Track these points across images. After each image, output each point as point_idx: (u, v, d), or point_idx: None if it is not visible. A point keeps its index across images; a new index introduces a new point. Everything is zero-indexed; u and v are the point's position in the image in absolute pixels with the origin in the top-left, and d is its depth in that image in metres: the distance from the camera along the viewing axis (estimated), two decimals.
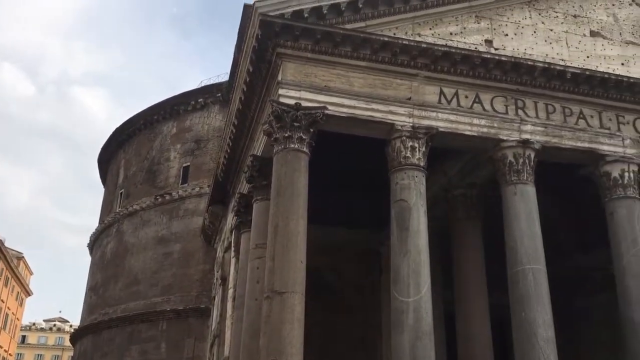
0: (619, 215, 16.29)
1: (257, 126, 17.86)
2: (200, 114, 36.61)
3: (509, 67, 16.24)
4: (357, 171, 20.89)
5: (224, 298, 23.84)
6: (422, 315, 13.64)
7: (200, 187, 33.99)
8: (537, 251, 15.18)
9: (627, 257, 15.84)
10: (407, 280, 13.99)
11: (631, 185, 16.40)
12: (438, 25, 16.72)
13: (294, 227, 13.59)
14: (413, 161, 15.17)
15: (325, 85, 15.26)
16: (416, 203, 14.79)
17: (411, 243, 14.36)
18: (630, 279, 15.61)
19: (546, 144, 16.26)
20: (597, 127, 16.86)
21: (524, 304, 14.58)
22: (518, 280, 14.92)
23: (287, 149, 14.54)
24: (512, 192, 15.83)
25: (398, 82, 15.80)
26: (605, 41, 18.05)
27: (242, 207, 19.79)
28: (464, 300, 17.71)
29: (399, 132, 15.36)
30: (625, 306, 15.57)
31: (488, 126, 16.07)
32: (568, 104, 16.81)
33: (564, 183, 20.44)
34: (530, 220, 15.48)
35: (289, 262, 13.22)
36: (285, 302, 12.78)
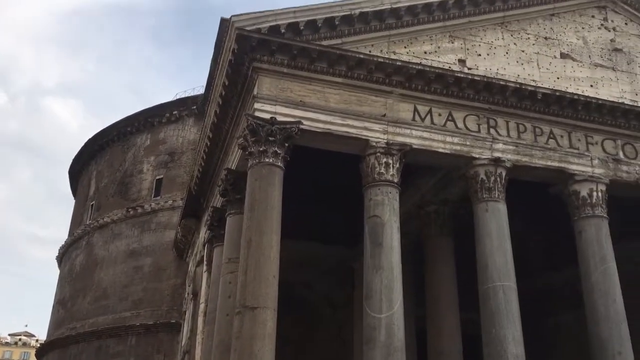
0: (587, 234, 16.59)
1: (232, 140, 17.81)
2: (174, 126, 36.37)
3: (482, 87, 16.53)
4: (331, 186, 20.98)
5: (195, 313, 23.53)
6: (394, 331, 13.65)
7: (173, 200, 33.65)
8: (508, 268, 15.36)
9: (595, 275, 16.11)
10: (380, 296, 14.01)
11: (599, 204, 16.74)
12: (413, 43, 16.96)
13: (268, 241, 13.53)
14: (387, 177, 15.28)
15: (300, 101, 15.32)
16: (390, 219, 14.87)
17: (384, 259, 14.40)
18: (598, 296, 15.87)
19: (517, 162, 16.53)
20: (567, 147, 17.21)
21: (495, 320, 14.71)
22: (489, 296, 15.06)
23: (261, 163, 14.52)
24: (484, 209, 16.02)
25: (373, 99, 15.95)
26: (575, 63, 18.52)
27: (216, 221, 19.64)
28: (435, 316, 17.78)
29: (373, 148, 15.47)
30: (593, 323, 15.80)
31: (461, 144, 16.29)
32: (539, 124, 17.14)
33: (535, 201, 20.79)
34: (501, 237, 15.67)
35: (262, 276, 13.14)
36: (257, 317, 12.67)
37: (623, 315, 15.73)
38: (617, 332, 15.42)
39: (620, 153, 17.55)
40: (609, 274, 16.02)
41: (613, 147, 17.57)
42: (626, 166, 17.41)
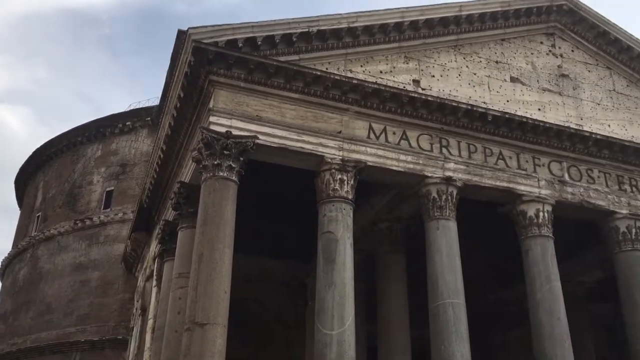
0: (533, 253, 17.06)
1: (186, 152, 17.60)
2: (127, 137, 35.69)
3: (435, 107, 16.89)
4: (286, 201, 20.91)
5: (143, 329, 22.95)
6: (345, 349, 13.64)
7: (123, 213, 32.90)
8: (457, 285, 15.61)
9: (540, 293, 16.55)
10: (332, 312, 14.01)
11: (545, 224, 17.26)
12: (369, 62, 17.22)
13: (220, 256, 13.37)
14: (341, 194, 15.37)
15: (257, 115, 15.30)
16: (343, 235, 14.94)
17: (337, 275, 14.43)
18: (543, 314, 16.29)
19: (468, 182, 16.90)
20: (515, 168, 17.72)
21: (444, 337, 14.89)
22: (438, 313, 15.26)
23: (215, 177, 14.39)
24: (435, 227, 16.28)
25: (329, 116, 16.08)
26: (524, 87, 19.15)
27: (167, 235, 19.31)
28: (386, 333, 17.87)
29: (328, 164, 15.56)
30: (538, 340, 16.20)
31: (414, 162, 16.56)
32: (489, 145, 17.61)
33: (485, 220, 21.27)
34: (451, 255, 15.94)
35: (213, 292, 12.94)
36: (207, 334, 12.45)
37: (567, 333, 16.19)
38: (561, 349, 15.84)
39: (565, 175, 18.19)
40: (554, 292, 16.48)
41: (559, 169, 18.19)
42: (571, 188, 18.03)
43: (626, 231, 18.05)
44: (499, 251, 24.38)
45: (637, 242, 18.00)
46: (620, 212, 18.25)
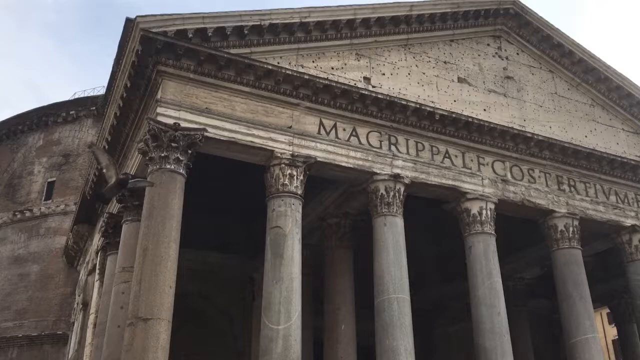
0: (476, 249, 17.52)
1: (131, 144, 17.20)
2: (71, 127, 34.59)
3: (384, 105, 17.08)
4: (234, 195, 20.76)
5: (84, 324, 22.35)
6: (291, 343, 13.66)
7: (65, 205, 31.90)
8: (403, 281, 15.87)
9: (482, 288, 17.02)
10: (279, 307, 14.00)
11: (488, 222, 17.74)
12: (321, 58, 17.24)
13: (165, 250, 13.14)
14: (291, 189, 15.36)
15: (206, 108, 15.09)
16: (292, 230, 14.93)
17: (285, 270, 14.42)
18: (484, 308, 16.76)
19: (415, 179, 17.19)
20: (461, 167, 18.13)
21: (388, 331, 15.12)
22: (384, 308, 15.47)
23: (162, 170, 14.12)
24: (382, 223, 16.49)
25: (280, 110, 16.02)
26: (471, 88, 19.60)
27: (111, 228, 18.83)
28: (333, 327, 17.97)
29: (278, 159, 15.52)
30: (479, 334, 16.66)
31: (363, 159, 16.71)
32: (436, 143, 17.96)
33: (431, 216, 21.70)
34: (397, 250, 16.18)
35: (157, 287, 12.71)
36: (150, 329, 12.22)
37: (506, 327, 16.71)
38: (500, 343, 16.34)
39: (508, 174, 18.74)
40: (495, 288, 16.98)
41: (502, 169, 18.73)
42: (513, 187, 18.60)
43: (564, 229, 18.76)
44: (444, 247, 24.99)
45: (574, 240, 18.74)
46: (559, 211, 18.95)
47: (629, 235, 19.90)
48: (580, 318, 17.83)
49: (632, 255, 19.78)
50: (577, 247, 18.76)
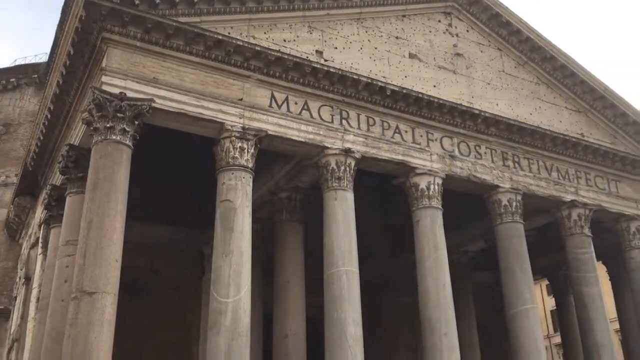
0: (423, 223, 17.89)
1: (75, 114, 16.62)
2: (11, 95, 33.12)
3: (336, 79, 17.05)
4: (183, 168, 20.46)
5: (27, 299, 21.74)
6: (240, 316, 13.69)
7: (6, 176, 30.73)
8: (352, 254, 16.08)
9: (428, 261, 17.44)
10: (228, 280, 13.96)
11: (435, 196, 18.11)
12: (273, 30, 17.00)
13: (111, 223, 12.84)
14: (241, 162, 15.22)
15: (154, 77, 14.69)
16: (242, 204, 14.84)
17: (234, 244, 14.36)
18: (430, 281, 17.20)
19: (366, 154, 17.32)
20: (410, 142, 18.36)
21: (337, 304, 15.35)
22: (333, 281, 15.66)
23: (107, 141, 13.73)
24: (333, 197, 16.59)
25: (230, 82, 15.76)
26: (422, 64, 19.77)
27: (54, 200, 18.26)
28: (282, 300, 18.11)
29: (228, 132, 15.32)
30: (425, 306, 17.12)
31: (314, 133, 16.69)
32: (386, 119, 18.09)
33: (381, 191, 22.01)
34: (347, 224, 16.35)
35: (102, 260, 12.45)
36: (95, 303, 11.99)
37: (451, 299, 17.22)
38: (445, 314, 16.85)
39: (456, 150, 19.11)
40: (440, 261, 17.43)
41: (450, 145, 19.08)
42: (460, 162, 19.00)
43: (507, 204, 19.35)
44: (393, 222, 25.42)
45: (517, 215, 19.37)
46: (503, 186, 19.50)
47: (568, 210, 20.70)
48: (520, 289, 18.53)
49: (571, 229, 20.61)
50: (520, 222, 19.40)
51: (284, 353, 17.29)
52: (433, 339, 16.59)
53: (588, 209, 20.85)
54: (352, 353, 14.78)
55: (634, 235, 21.85)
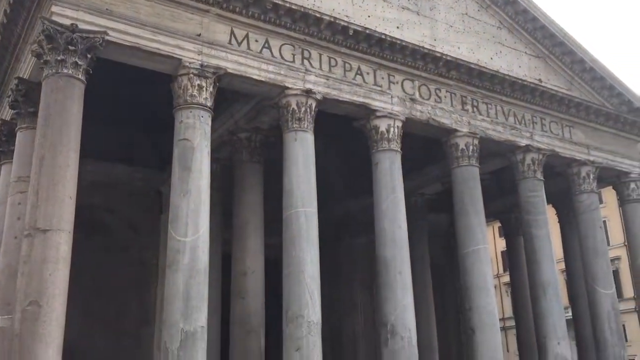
0: (382, 166, 18.08)
1: (25, 45, 15.86)
2: None
3: (298, 17, 16.65)
4: (140, 106, 19.95)
5: None
6: (199, 255, 13.76)
7: None
8: (311, 195, 16.20)
9: (386, 203, 17.74)
10: (186, 220, 13.94)
11: (395, 139, 18.24)
12: None
13: (64, 160, 12.52)
14: (199, 100, 14.92)
15: (107, 9, 14.06)
16: (200, 143, 14.65)
17: (192, 183, 14.26)
18: (386, 222, 17.56)
19: (327, 95, 17.18)
20: (372, 84, 18.28)
21: (296, 243, 15.57)
22: (292, 221, 15.82)
23: (59, 74, 13.21)
24: (293, 138, 16.53)
25: (188, 16, 15.23)
26: (385, 4, 19.43)
27: (4, 136, 17.70)
28: (241, 239, 18.25)
29: (186, 68, 14.92)
30: (381, 246, 17.55)
31: (275, 72, 16.41)
32: (348, 60, 17.89)
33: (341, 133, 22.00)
34: (307, 166, 16.38)
35: (56, 197, 12.20)
36: (49, 240, 11.83)
37: (406, 239, 17.66)
38: (400, 254, 17.32)
39: (416, 93, 19.15)
40: (397, 202, 17.76)
41: (411, 88, 19.09)
42: (420, 106, 19.09)
43: (464, 148, 19.69)
44: (352, 164, 25.60)
45: (473, 158, 19.75)
46: (461, 130, 19.76)
47: (522, 154, 21.22)
48: (473, 230, 19.13)
49: (524, 173, 21.20)
50: (476, 165, 19.82)
51: (242, 290, 17.58)
52: (388, 277, 17.11)
53: (542, 154, 21.43)
54: (310, 290, 15.13)
55: (584, 180, 22.65)
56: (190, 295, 13.29)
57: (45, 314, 11.50)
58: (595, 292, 21.88)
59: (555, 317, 19.91)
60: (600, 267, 22.09)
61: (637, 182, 24.21)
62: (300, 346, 14.63)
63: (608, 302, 21.68)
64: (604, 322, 21.46)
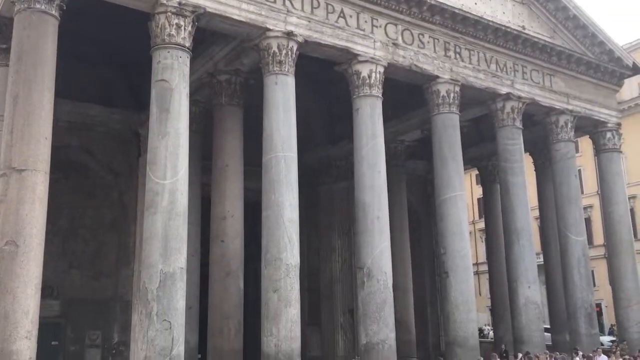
0: (363, 111, 18.02)
1: None
2: None
3: None
4: (117, 45, 19.41)
5: None
6: (178, 197, 13.75)
7: None
8: (291, 140, 16.14)
9: (365, 148, 17.78)
10: (165, 162, 13.84)
11: (376, 85, 18.11)
12: None
13: (38, 98, 12.25)
14: (178, 40, 14.56)
15: None
16: (179, 84, 14.39)
17: (171, 125, 14.08)
18: (366, 167, 17.66)
19: (308, 38, 16.87)
20: (354, 27, 17.96)
21: (275, 187, 15.62)
22: (271, 166, 15.82)
23: (31, 10, 12.76)
24: (273, 81, 16.31)
25: None
26: None
27: None
28: (221, 183, 18.23)
29: (164, 6, 14.47)
30: (360, 190, 17.70)
31: (256, 13, 16.02)
32: (331, 2, 17.49)
33: (323, 77, 21.78)
34: (287, 110, 16.25)
35: (31, 137, 12.00)
36: (25, 180, 11.72)
37: (384, 185, 17.83)
38: (378, 199, 17.51)
39: (399, 38, 18.90)
40: (377, 149, 17.81)
41: (394, 32, 18.82)
42: (403, 51, 18.89)
43: (445, 95, 19.65)
44: (333, 110, 25.51)
45: (454, 106, 19.76)
46: (443, 77, 19.66)
47: (502, 102, 21.28)
48: (451, 177, 19.36)
49: (504, 121, 21.33)
50: (456, 112, 19.85)
51: (222, 233, 17.71)
52: (366, 222, 17.35)
53: (521, 102, 21.51)
54: (288, 234, 15.30)
55: (562, 129, 22.90)
56: (169, 237, 13.36)
57: (23, 254, 11.53)
58: (567, 239, 22.51)
59: (527, 262, 20.51)
60: (573, 215, 22.64)
61: (613, 131, 24.56)
62: (278, 288, 14.91)
63: (579, 249, 22.35)
64: (574, 267, 22.19)
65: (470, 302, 18.58)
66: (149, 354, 12.66)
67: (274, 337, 14.64)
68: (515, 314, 20.62)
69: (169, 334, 12.77)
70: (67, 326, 20.91)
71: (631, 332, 23.03)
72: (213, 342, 17.24)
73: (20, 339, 11.29)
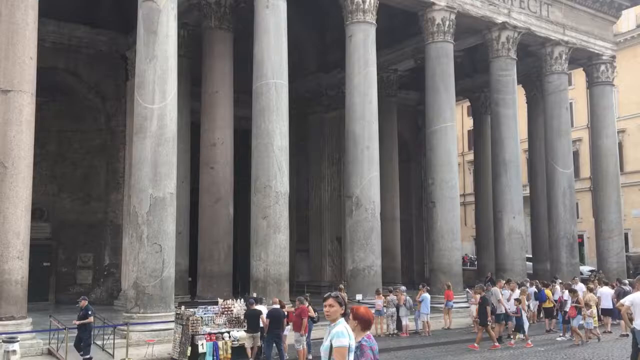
0: (356, 39, 17.63)
1: None
2: None
3: None
4: None
5: None
6: (167, 122, 13.62)
7: None
8: (282, 66, 15.83)
9: (358, 77, 17.54)
10: (153, 86, 13.60)
11: (371, 10, 17.62)
12: None
13: (22, 17, 11.84)
14: None
15: None
16: (166, 5, 13.94)
17: (159, 48, 13.75)
18: (357, 96, 17.49)
19: None
20: None
21: (265, 115, 15.47)
22: (262, 93, 15.59)
23: None
24: (265, 5, 15.82)
25: None
26: None
27: None
28: (210, 109, 18.03)
29: None
30: (350, 120, 17.62)
31: None
32: None
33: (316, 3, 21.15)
34: (278, 35, 15.84)
35: (16, 56, 11.70)
36: (11, 101, 11.51)
37: (376, 115, 17.74)
38: (369, 129, 17.48)
39: None
40: (369, 77, 17.57)
41: None
42: None
43: (441, 23, 19.21)
44: (325, 38, 24.94)
45: (448, 35, 19.37)
46: (438, 3, 19.15)
47: (498, 32, 20.89)
48: (442, 108, 19.25)
49: (498, 51, 21.01)
50: (450, 42, 19.49)
51: (211, 160, 17.71)
52: (356, 152, 17.39)
53: (517, 32, 21.12)
54: (278, 162, 15.31)
55: (556, 61, 22.64)
56: (158, 163, 13.34)
57: (12, 175, 11.51)
58: (554, 171, 22.76)
59: (513, 193, 20.81)
60: (562, 147, 22.80)
61: (607, 64, 24.35)
62: (267, 214, 15.08)
63: (565, 180, 22.65)
64: (559, 198, 22.57)
65: (456, 231, 18.97)
66: (140, 275, 12.94)
67: (262, 262, 14.96)
68: (498, 243, 21.13)
69: (159, 256, 13.00)
70: (59, 248, 21.24)
71: (610, 262, 23.78)
72: (203, 265, 17.61)
73: (12, 259, 11.45)
